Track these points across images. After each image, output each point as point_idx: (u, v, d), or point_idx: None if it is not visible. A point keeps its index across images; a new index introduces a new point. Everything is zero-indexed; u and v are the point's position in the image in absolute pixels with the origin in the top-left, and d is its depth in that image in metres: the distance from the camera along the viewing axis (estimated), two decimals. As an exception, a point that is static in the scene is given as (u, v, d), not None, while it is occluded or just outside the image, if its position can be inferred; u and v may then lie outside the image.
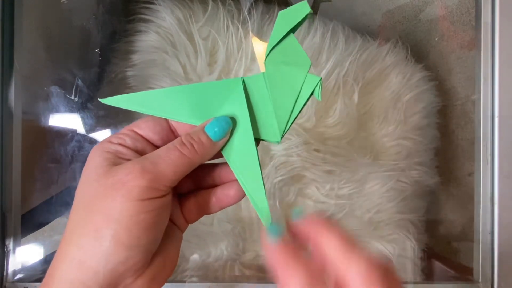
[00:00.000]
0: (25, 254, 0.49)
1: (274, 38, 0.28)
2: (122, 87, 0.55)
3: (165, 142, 0.27)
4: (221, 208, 0.30)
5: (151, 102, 0.28)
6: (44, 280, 0.24)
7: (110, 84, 0.57)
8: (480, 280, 0.47)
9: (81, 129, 0.55)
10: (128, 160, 0.25)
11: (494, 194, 0.46)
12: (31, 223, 0.52)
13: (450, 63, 0.67)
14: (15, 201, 0.48)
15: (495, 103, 0.46)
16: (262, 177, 0.28)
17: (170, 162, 0.25)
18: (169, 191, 0.25)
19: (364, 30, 0.62)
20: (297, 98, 0.29)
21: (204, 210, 0.30)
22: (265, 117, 0.29)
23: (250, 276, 0.55)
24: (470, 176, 0.63)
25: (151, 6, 0.56)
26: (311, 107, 0.55)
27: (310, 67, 0.28)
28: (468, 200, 0.64)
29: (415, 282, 0.55)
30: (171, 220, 0.28)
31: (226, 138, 0.28)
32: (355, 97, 0.57)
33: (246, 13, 0.56)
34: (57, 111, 0.54)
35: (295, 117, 0.29)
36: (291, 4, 0.27)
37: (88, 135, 0.55)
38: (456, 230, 0.66)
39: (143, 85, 0.55)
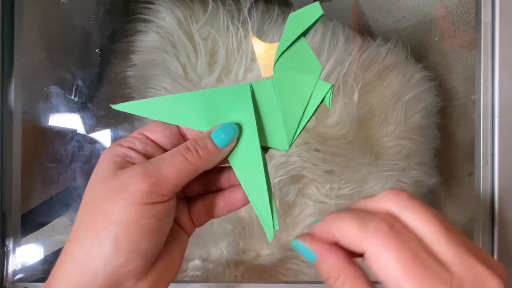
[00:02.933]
0: (25, 254, 0.49)
1: (284, 43, 0.27)
2: (122, 87, 0.55)
3: (175, 147, 0.27)
4: (230, 211, 0.30)
5: (161, 108, 0.28)
6: (48, 280, 0.24)
7: (110, 84, 0.57)
8: (480, 280, 0.47)
9: (81, 129, 0.55)
10: (136, 164, 0.25)
11: (494, 194, 0.46)
12: (31, 223, 0.52)
13: (450, 63, 0.66)
14: (15, 201, 0.48)
15: (495, 103, 0.46)
16: (269, 187, 0.27)
17: (173, 167, 0.25)
18: (173, 196, 0.25)
19: (364, 30, 0.62)
20: (306, 106, 0.28)
21: (212, 213, 0.30)
22: (273, 125, 0.28)
23: (250, 276, 0.55)
24: (470, 176, 0.63)
25: (151, 6, 0.55)
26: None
27: (321, 73, 0.27)
28: (468, 200, 0.64)
29: (415, 282, 0.55)
30: (178, 224, 0.28)
31: (232, 145, 0.27)
32: (355, 97, 0.57)
33: (246, 13, 0.56)
34: (57, 111, 0.54)
35: (304, 125, 0.28)
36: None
37: (88, 135, 0.55)
38: (456, 230, 0.66)
39: (143, 85, 0.55)
